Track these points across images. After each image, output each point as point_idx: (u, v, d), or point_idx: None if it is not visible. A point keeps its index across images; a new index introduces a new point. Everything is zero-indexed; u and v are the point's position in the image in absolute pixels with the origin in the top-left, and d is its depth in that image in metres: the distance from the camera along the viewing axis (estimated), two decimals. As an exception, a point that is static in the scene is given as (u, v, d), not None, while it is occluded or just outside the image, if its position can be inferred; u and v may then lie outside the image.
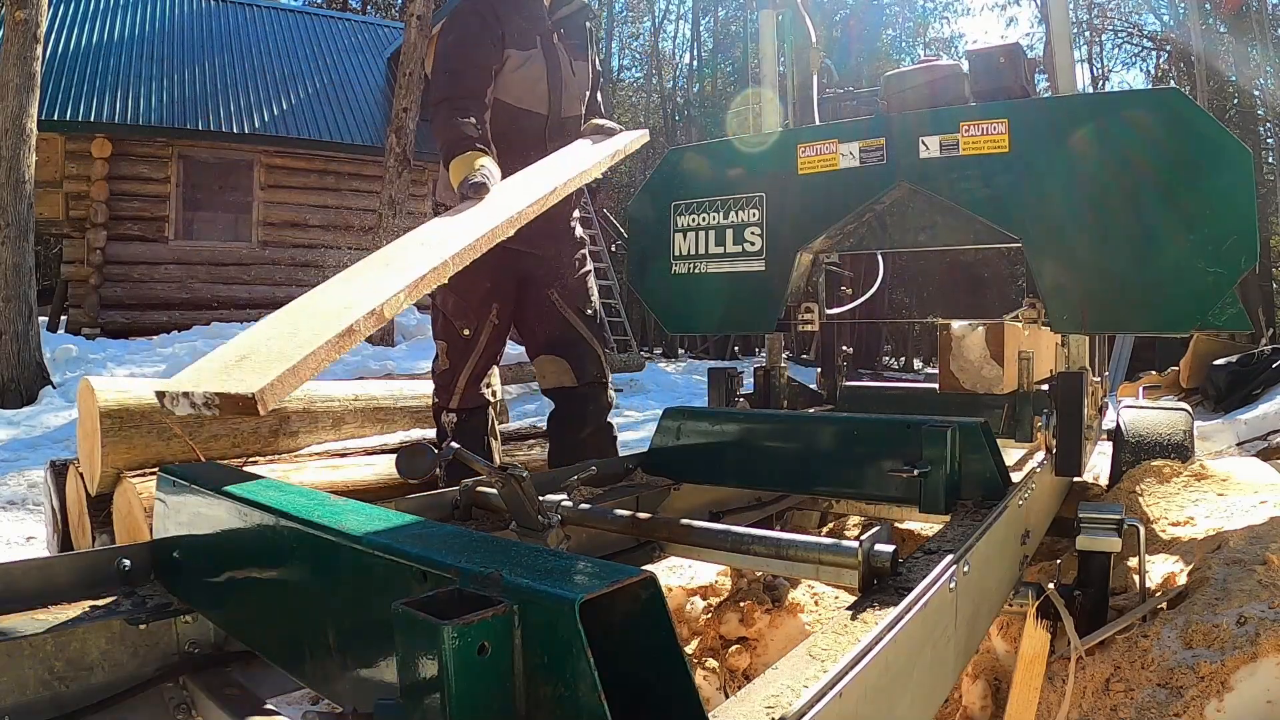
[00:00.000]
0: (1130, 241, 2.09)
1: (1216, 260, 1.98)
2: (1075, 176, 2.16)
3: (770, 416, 2.29)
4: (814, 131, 2.77)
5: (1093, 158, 2.14)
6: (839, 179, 2.55)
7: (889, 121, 2.52)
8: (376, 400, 3.19)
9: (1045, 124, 2.23)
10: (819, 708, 0.77)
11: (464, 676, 0.62)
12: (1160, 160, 2.06)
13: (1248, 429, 6.74)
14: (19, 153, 6.62)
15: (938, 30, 29.64)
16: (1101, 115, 2.16)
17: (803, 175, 2.61)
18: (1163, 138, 2.06)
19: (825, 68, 3.40)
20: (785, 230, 2.66)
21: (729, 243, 2.75)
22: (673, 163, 2.94)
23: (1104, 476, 3.12)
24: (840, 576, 1.27)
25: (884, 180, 2.47)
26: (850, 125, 2.61)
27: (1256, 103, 20.56)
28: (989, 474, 1.70)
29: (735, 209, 2.73)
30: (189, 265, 11.17)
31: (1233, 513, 2.24)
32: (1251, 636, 1.52)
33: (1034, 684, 1.70)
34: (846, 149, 2.52)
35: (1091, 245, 2.15)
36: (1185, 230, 2.03)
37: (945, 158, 2.35)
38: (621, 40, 29.51)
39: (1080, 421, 2.16)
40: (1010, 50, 2.71)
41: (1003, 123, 2.26)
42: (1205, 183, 2.00)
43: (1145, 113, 2.10)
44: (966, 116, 2.34)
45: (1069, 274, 2.18)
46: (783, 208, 2.66)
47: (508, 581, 0.70)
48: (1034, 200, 2.22)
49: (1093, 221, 2.14)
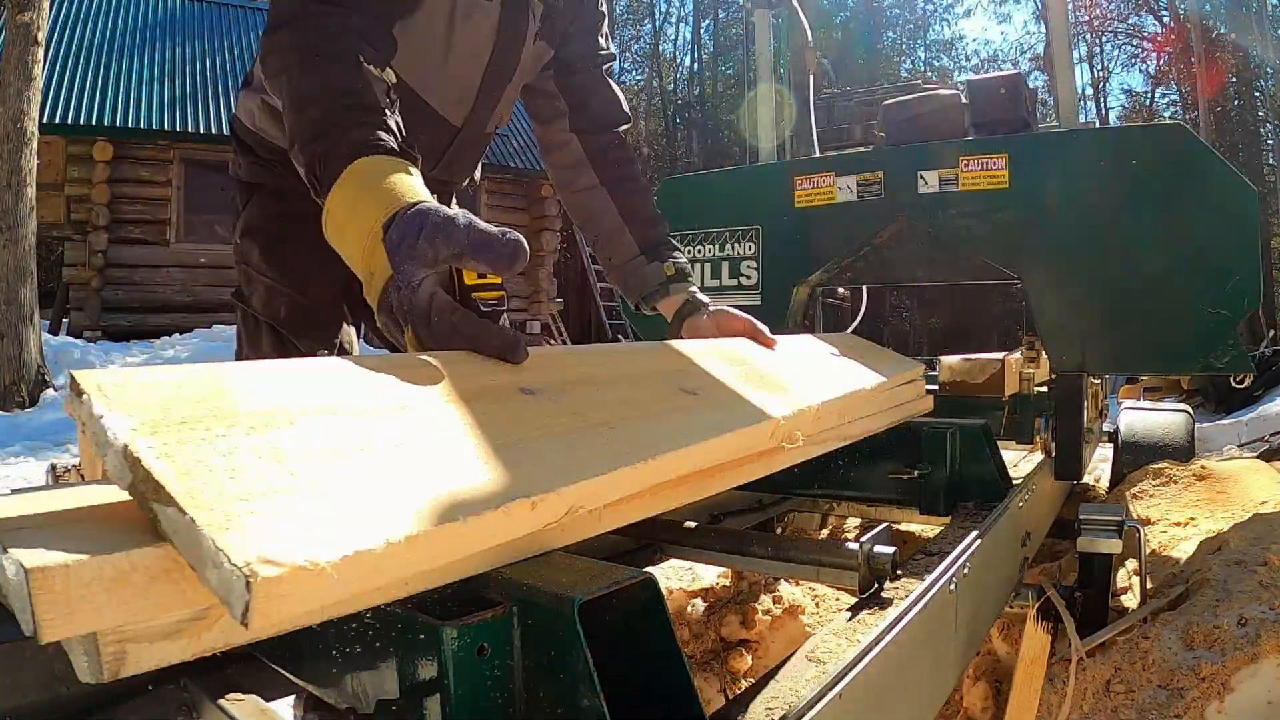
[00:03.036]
0: (1132, 281, 2.07)
1: (1219, 301, 1.96)
2: (1076, 214, 2.13)
3: (770, 418, 2.29)
4: (811, 164, 2.75)
5: (1095, 195, 2.11)
6: (836, 213, 2.53)
7: (887, 155, 2.51)
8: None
9: (1046, 159, 2.20)
10: (819, 708, 0.77)
11: (464, 677, 0.62)
12: (1164, 198, 2.03)
13: (1249, 430, 6.75)
14: (20, 155, 6.63)
15: (937, 32, 29.72)
16: (1104, 151, 2.13)
17: (799, 208, 2.59)
18: (1167, 175, 2.03)
19: (822, 68, 3.40)
20: (781, 264, 2.64)
21: (724, 276, 2.73)
22: (667, 193, 2.92)
23: (1105, 478, 3.12)
24: (841, 578, 1.27)
25: (882, 215, 2.45)
26: (847, 158, 2.60)
27: (1256, 103, 20.57)
28: (989, 476, 1.70)
29: (731, 241, 2.71)
30: (190, 268, 11.17)
31: (1233, 514, 2.24)
32: (1252, 637, 1.52)
33: (1034, 685, 1.70)
34: (844, 182, 2.50)
35: (1092, 285, 2.13)
36: (1188, 270, 2.00)
37: (944, 193, 2.33)
38: (622, 43, 29.56)
39: (1080, 425, 2.16)
40: (1011, 80, 2.70)
41: (1002, 157, 2.24)
42: (1209, 222, 1.98)
43: (1149, 149, 2.07)
44: (966, 151, 2.31)
45: (1069, 313, 2.16)
46: (779, 241, 2.64)
47: (507, 582, 0.70)
48: (1034, 238, 2.20)
49: (1094, 261, 2.12)
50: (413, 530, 0.56)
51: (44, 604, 0.46)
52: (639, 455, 0.82)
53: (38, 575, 0.46)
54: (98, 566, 0.49)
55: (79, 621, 0.48)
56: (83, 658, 0.51)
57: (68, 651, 0.53)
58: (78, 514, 0.60)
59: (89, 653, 0.51)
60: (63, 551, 0.49)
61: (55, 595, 0.46)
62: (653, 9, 29.75)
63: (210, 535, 0.48)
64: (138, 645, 0.52)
